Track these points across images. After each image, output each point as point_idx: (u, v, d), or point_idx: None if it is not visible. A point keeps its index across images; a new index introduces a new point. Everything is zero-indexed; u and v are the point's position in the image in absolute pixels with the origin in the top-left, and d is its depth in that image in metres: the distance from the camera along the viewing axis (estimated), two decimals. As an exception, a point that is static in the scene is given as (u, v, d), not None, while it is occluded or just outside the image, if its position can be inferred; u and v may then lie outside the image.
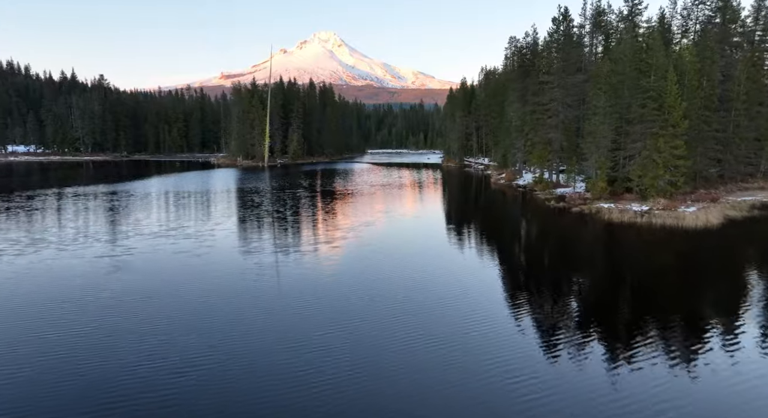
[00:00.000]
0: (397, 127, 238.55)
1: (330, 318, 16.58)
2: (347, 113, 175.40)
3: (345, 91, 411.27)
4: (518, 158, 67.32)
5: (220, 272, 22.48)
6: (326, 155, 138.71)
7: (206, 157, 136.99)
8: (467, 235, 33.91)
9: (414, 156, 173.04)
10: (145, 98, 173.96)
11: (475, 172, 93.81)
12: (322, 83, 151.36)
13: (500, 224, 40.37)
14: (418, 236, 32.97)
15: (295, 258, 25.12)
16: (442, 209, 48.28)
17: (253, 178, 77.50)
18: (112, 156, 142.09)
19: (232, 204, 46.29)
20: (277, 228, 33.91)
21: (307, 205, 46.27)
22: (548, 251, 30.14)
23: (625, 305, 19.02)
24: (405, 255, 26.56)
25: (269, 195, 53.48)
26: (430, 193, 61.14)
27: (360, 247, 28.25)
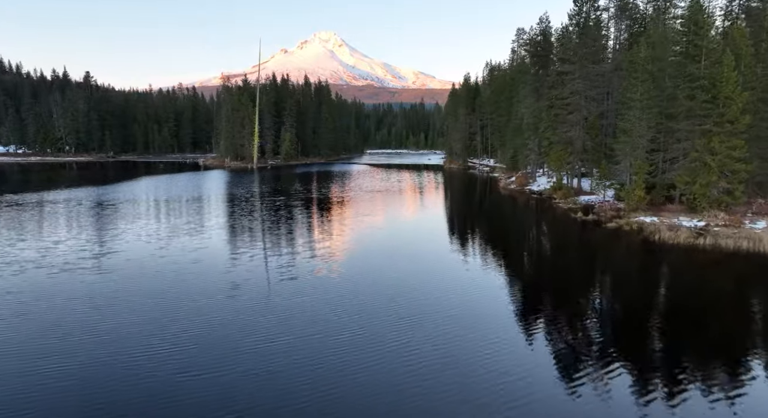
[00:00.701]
0: (397, 126, 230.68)
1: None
2: (344, 112, 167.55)
3: (345, 91, 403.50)
4: (531, 160, 59.50)
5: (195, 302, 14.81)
6: (322, 156, 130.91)
7: (196, 158, 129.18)
8: (480, 256, 26.09)
9: (414, 157, 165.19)
10: (135, 97, 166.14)
11: (480, 174, 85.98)
12: (318, 80, 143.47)
13: (518, 242, 32.50)
14: (422, 256, 25.19)
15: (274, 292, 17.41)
16: (448, 222, 40.36)
17: (236, 182, 69.78)
18: (97, 157, 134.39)
19: (194, 218, 38.51)
20: (246, 252, 26.16)
21: (286, 218, 38.47)
22: (587, 284, 22.32)
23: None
24: (408, 281, 18.90)
25: (244, 205, 45.74)
26: (432, 201, 53.29)
27: (351, 277, 20.50)
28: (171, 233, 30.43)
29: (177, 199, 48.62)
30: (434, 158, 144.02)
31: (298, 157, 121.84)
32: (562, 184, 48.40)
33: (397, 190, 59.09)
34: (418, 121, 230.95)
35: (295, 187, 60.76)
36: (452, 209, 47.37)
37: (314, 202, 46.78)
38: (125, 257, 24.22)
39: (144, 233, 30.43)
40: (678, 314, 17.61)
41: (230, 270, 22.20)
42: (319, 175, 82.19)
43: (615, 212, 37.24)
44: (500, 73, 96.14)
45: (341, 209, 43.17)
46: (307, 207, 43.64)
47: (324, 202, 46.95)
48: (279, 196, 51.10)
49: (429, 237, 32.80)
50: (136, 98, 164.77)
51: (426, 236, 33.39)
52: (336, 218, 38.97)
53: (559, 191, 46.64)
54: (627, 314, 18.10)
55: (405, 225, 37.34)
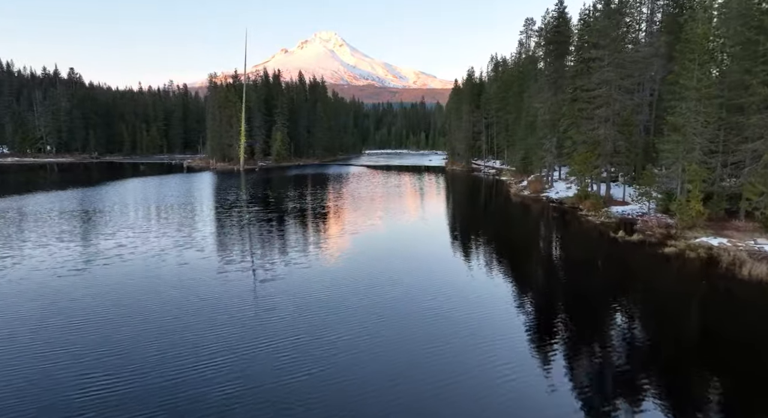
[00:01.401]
0: (397, 126, 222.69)
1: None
2: (341, 110, 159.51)
3: (346, 91, 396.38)
4: (547, 163, 51.62)
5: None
6: (316, 157, 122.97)
7: (184, 159, 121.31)
8: (503, 297, 18.20)
9: (414, 157, 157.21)
10: (123, 95, 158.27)
11: (485, 177, 78.12)
12: (312, 77, 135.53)
13: (545, 271, 24.57)
14: (430, 281, 17.40)
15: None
16: (454, 239, 32.25)
17: (216, 187, 62.01)
18: (80, 157, 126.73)
19: (149, 232, 30.67)
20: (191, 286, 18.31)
21: (259, 233, 30.64)
22: (680, 363, 14.42)
23: None
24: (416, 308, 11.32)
25: (213, 216, 37.94)
26: (435, 212, 45.17)
27: (352, 313, 12.81)
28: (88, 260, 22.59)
29: (137, 207, 40.79)
30: (435, 159, 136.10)
31: (290, 158, 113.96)
32: (588, 192, 40.46)
33: (395, 197, 51.26)
34: (418, 121, 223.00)
35: (279, 194, 52.95)
36: (458, 222, 39.45)
37: (296, 215, 38.93)
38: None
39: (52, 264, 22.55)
40: None
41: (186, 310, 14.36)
42: (310, 179, 74.40)
43: (664, 229, 29.36)
44: (507, 67, 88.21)
45: (328, 225, 35.36)
46: (286, 221, 35.82)
47: (309, 215, 39.13)
48: (254, 205, 43.23)
49: (435, 258, 25.03)
50: (124, 96, 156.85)
51: (431, 256, 25.60)
52: (323, 236, 31.15)
53: (585, 201, 38.70)
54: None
55: (405, 244, 29.41)
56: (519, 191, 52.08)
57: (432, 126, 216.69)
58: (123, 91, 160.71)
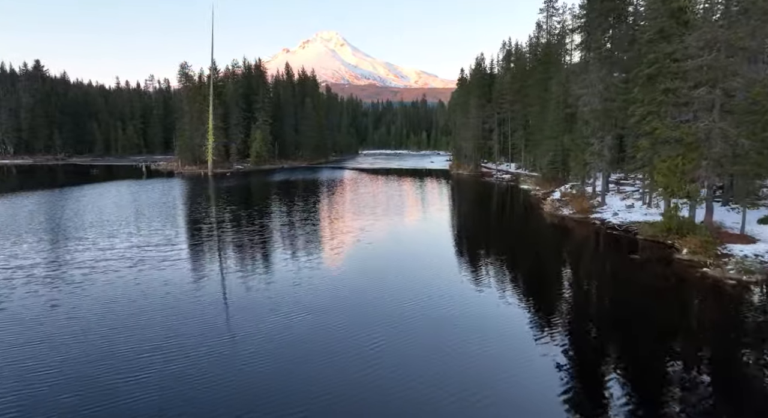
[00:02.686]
0: (397, 125, 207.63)
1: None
2: (335, 107, 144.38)
3: (347, 91, 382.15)
4: (598, 170, 36.71)
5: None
6: (304, 158, 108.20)
7: (156, 161, 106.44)
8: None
9: (415, 158, 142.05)
10: (97, 91, 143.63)
11: (499, 184, 63.24)
12: (302, 70, 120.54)
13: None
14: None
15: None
16: (488, 318, 17.38)
17: (156, 201, 47.12)
18: (45, 159, 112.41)
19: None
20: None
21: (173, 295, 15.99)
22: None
23: None
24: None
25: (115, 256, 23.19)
26: (443, 249, 29.81)
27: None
28: None
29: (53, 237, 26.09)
30: (438, 160, 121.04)
31: (274, 160, 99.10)
32: (680, 219, 25.46)
33: (383, 217, 36.29)
34: (419, 120, 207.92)
35: (233, 212, 38.14)
36: (487, 274, 24.33)
37: (252, 252, 24.20)
38: None
39: None
40: None
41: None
42: (286, 188, 59.66)
43: None
44: (522, 53, 73.25)
45: (281, 278, 20.52)
46: (234, 260, 21.14)
47: (265, 250, 24.36)
48: (195, 233, 28.53)
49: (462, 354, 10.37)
50: (99, 93, 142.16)
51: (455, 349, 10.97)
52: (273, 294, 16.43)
53: (687, 238, 23.60)
54: None
55: (409, 331, 14.56)
56: (555, 209, 37.02)
57: (434, 125, 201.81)
58: (97, 87, 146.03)
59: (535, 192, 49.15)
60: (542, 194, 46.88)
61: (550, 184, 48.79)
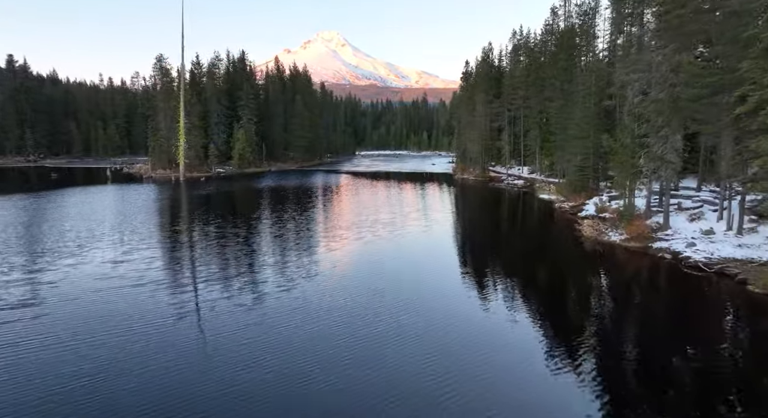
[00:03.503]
0: (397, 125, 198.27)
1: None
2: (328, 106, 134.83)
3: (348, 91, 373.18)
4: (662, 178, 27.18)
5: None
6: (295, 160, 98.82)
7: (133, 163, 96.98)
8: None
9: (415, 160, 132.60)
10: (79, 88, 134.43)
11: (510, 190, 53.86)
12: (293, 65, 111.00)
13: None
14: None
15: None
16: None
17: (101, 213, 37.70)
18: (15, 160, 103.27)
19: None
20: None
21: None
22: None
23: None
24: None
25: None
26: (451, 284, 20.55)
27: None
28: None
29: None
30: (439, 162, 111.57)
31: (260, 163, 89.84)
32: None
33: (371, 244, 26.90)
34: (419, 119, 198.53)
35: (172, 235, 28.84)
36: (522, 333, 15.02)
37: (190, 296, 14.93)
38: None
39: None
40: None
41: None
42: (267, 196, 50.39)
43: None
44: (534, 44, 63.79)
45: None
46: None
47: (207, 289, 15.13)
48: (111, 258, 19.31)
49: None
50: (78, 89, 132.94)
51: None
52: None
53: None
54: None
55: None
56: (599, 232, 27.56)
57: (435, 125, 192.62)
58: (77, 84, 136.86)
59: (560, 205, 39.66)
60: (570, 208, 37.46)
61: (578, 195, 39.38)
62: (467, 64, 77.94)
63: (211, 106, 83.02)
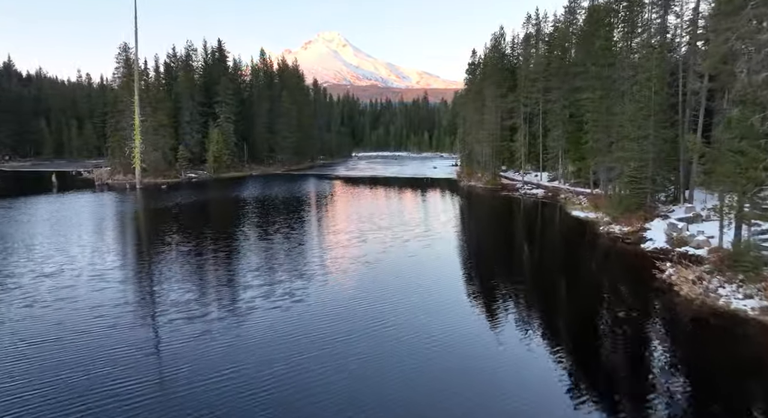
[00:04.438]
0: (396, 125, 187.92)
1: None
2: (321, 104, 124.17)
3: (349, 91, 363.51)
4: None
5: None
6: (282, 163, 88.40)
7: (99, 167, 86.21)
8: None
9: (415, 162, 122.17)
10: (52, 85, 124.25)
11: (527, 200, 43.24)
12: (281, 59, 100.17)
13: None
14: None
15: None
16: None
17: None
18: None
19: None
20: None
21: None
22: None
23: None
24: None
25: None
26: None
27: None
28: None
29: None
30: (441, 165, 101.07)
31: (242, 166, 79.51)
32: None
33: (360, 286, 16.58)
34: (420, 119, 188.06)
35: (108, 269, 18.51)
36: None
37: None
38: None
39: None
40: None
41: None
42: (236, 209, 39.88)
43: None
44: (561, 22, 53.17)
45: None
46: None
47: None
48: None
49: None
50: (50, 86, 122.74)
51: None
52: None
53: None
54: None
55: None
56: (705, 292, 17.04)
57: (436, 125, 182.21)
58: (49, 80, 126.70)
59: (606, 228, 28.99)
60: (624, 234, 26.89)
61: (632, 215, 28.80)
62: (474, 54, 67.34)
63: (183, 102, 72.64)
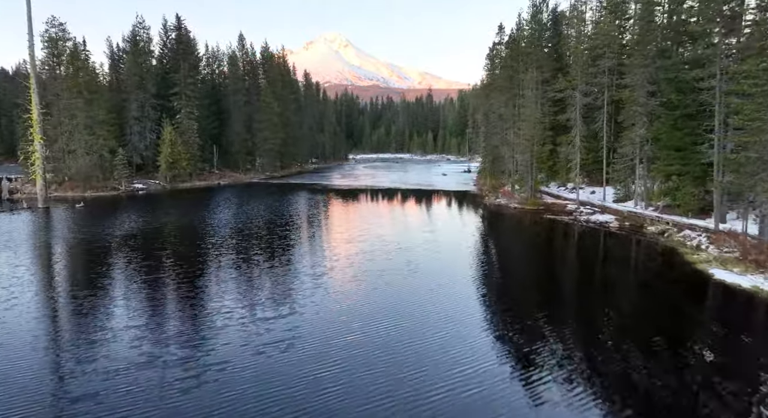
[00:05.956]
0: (398, 124, 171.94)
1: None
2: (312, 100, 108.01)
3: (350, 91, 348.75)
4: None
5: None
6: (265, 169, 72.57)
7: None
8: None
9: (419, 167, 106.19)
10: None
11: (590, 234, 27.11)
12: (264, 46, 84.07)
13: None
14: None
15: None
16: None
17: None
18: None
19: None
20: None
21: None
22: None
23: None
24: None
25: None
26: None
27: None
28: None
29: None
30: (451, 171, 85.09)
31: (209, 174, 63.70)
32: None
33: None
34: (424, 118, 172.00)
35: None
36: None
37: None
38: None
39: None
40: None
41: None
42: (158, 249, 23.84)
43: None
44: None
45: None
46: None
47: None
48: None
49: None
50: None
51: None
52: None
53: None
54: None
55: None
56: None
57: (441, 124, 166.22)
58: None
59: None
60: None
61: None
62: (500, 31, 50.98)
63: (130, 93, 56.78)
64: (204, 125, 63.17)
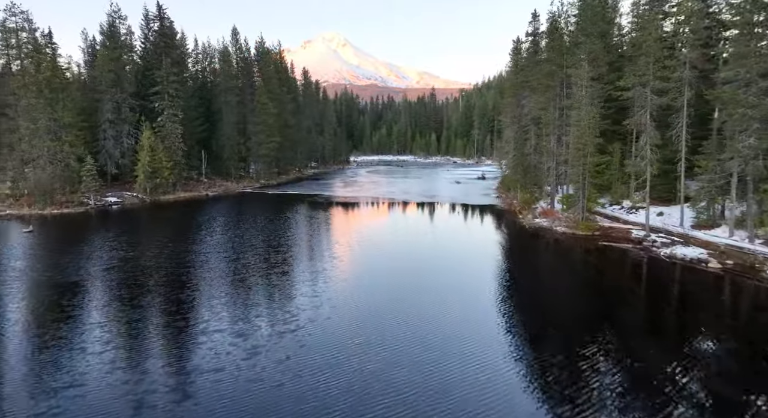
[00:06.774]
0: (400, 125, 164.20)
1: None
2: (311, 99, 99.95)
3: (348, 91, 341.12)
4: None
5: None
6: (260, 176, 64.78)
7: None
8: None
9: (425, 171, 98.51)
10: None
11: (682, 279, 19.62)
12: (260, 39, 75.91)
13: None
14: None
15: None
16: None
17: None
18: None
19: None
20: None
21: None
22: None
23: None
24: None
25: None
26: None
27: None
28: None
29: None
30: (463, 177, 77.46)
31: (197, 183, 55.90)
32: None
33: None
34: (427, 118, 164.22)
35: None
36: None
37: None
38: None
39: None
40: None
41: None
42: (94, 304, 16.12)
43: None
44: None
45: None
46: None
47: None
48: None
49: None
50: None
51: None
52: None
53: None
54: None
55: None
56: None
57: (445, 124, 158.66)
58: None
59: None
60: None
61: None
62: (534, 19, 42.99)
63: (104, 93, 48.80)
64: (191, 128, 55.32)
